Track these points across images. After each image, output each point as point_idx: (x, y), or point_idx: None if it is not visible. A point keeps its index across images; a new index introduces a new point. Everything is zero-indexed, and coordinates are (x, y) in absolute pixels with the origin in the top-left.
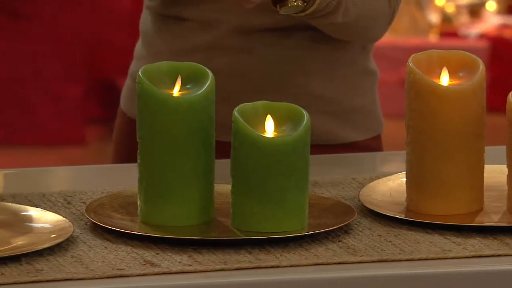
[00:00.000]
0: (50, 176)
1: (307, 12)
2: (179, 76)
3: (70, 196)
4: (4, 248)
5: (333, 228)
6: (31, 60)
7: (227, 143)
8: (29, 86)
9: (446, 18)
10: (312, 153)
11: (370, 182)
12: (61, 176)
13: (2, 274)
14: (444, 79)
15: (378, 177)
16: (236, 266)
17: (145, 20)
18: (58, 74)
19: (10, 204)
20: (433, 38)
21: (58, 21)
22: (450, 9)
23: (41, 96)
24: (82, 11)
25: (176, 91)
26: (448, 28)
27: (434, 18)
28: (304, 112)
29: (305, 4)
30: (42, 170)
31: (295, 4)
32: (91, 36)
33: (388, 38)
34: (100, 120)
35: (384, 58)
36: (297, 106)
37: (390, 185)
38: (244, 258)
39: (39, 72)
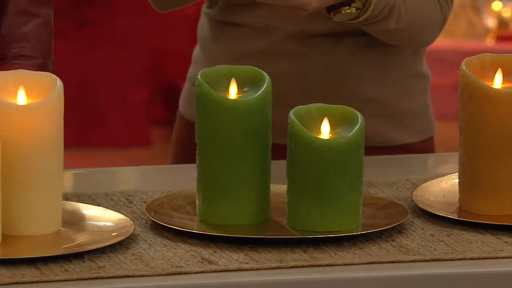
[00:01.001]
0: (113, 176)
1: (360, 19)
2: (233, 78)
3: (131, 196)
4: (68, 245)
5: (387, 227)
6: (100, 65)
7: (283, 146)
8: (98, 90)
9: (503, 23)
10: (366, 155)
11: (423, 183)
12: (123, 176)
13: (66, 270)
14: (497, 82)
15: (431, 178)
16: (291, 264)
17: (203, 26)
18: (125, 79)
19: (74, 203)
20: (489, 42)
21: (125, 27)
22: (507, 13)
23: (108, 99)
24: (147, 18)
25: (233, 94)
26: (504, 33)
27: (490, 22)
28: (359, 114)
29: (358, 11)
30: (106, 170)
31: (349, 11)
32: (156, 41)
33: (444, 42)
34: (164, 122)
35: (440, 62)
36: (351, 108)
37: (443, 186)
38: (299, 256)
39: (107, 76)
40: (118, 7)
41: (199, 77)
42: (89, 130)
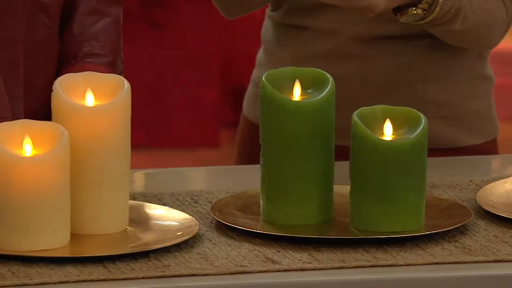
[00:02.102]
0: (180, 176)
1: (427, 20)
2: (297, 80)
3: (197, 196)
4: (134, 244)
5: (450, 228)
6: (170, 67)
7: (346, 147)
8: (168, 91)
9: None
10: (429, 156)
11: (486, 184)
12: (189, 177)
13: (132, 269)
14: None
15: (494, 180)
16: (354, 264)
17: (267, 29)
18: (194, 80)
19: (141, 202)
20: None
21: (195, 30)
22: None
23: (178, 100)
24: (216, 20)
25: (297, 96)
26: None
27: None
28: (422, 115)
29: (424, 12)
30: (172, 170)
31: (415, 12)
32: (226, 44)
33: (510, 44)
34: (233, 124)
35: (506, 63)
36: (415, 110)
37: (507, 187)
38: (361, 256)
39: (177, 78)
40: (188, 10)
41: (263, 79)
42: (159, 131)
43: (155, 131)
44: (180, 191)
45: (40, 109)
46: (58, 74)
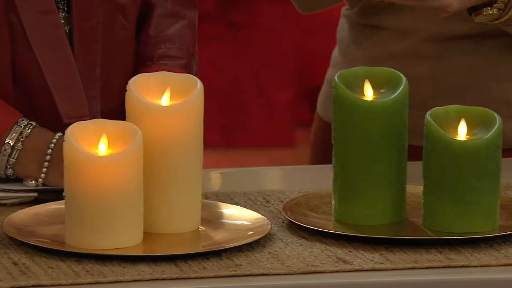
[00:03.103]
0: (252, 176)
1: (502, 19)
2: (370, 80)
3: (268, 195)
4: (206, 243)
5: None
6: (248, 67)
7: (419, 148)
8: (245, 91)
9: None
10: (504, 157)
11: None
12: (261, 176)
13: (204, 268)
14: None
15: None
16: (426, 265)
17: (342, 28)
18: (272, 80)
19: (213, 202)
20: None
21: (272, 30)
22: None
23: (255, 100)
24: (293, 21)
25: (370, 95)
26: None
27: None
28: (496, 115)
29: (500, 11)
30: (245, 170)
31: (490, 12)
32: (302, 44)
33: None
34: (309, 124)
35: None
36: (489, 110)
37: None
38: (434, 257)
39: (255, 78)
40: (265, 11)
41: (336, 78)
42: (235, 131)
43: (231, 131)
44: (252, 190)
45: (116, 109)
46: (134, 75)
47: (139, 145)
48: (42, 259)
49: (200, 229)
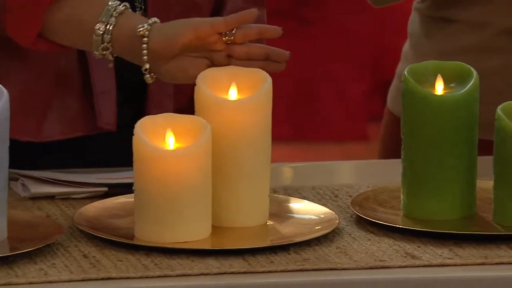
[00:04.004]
0: (321, 170)
1: None
2: (440, 74)
3: (337, 190)
4: (274, 237)
5: None
6: (321, 62)
7: (490, 142)
8: (319, 85)
9: None
10: None
11: None
12: (330, 170)
13: (271, 262)
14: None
15: None
16: (496, 260)
17: (413, 21)
18: (345, 75)
19: (281, 196)
20: None
21: (346, 25)
22: None
23: (329, 95)
24: (367, 16)
25: (440, 90)
26: None
27: None
28: None
29: None
30: (314, 164)
31: None
32: (376, 39)
33: None
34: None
35: None
36: None
37: None
38: (504, 253)
39: (328, 72)
40: (338, 6)
41: (405, 72)
42: (308, 125)
43: (304, 125)
44: (321, 185)
45: (186, 107)
46: None
47: (207, 139)
48: (112, 252)
49: (268, 223)
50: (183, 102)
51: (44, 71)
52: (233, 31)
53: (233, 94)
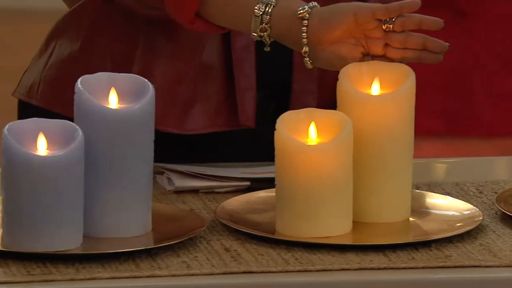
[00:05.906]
0: (465, 166)
1: None
2: None
3: (482, 186)
4: (416, 233)
5: None
6: (474, 55)
7: None
8: (471, 79)
9: None
10: None
11: None
12: (475, 166)
13: (412, 258)
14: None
15: None
16: None
17: None
18: (498, 68)
19: (424, 192)
20: None
21: (502, 19)
22: None
23: (481, 89)
24: None
25: None
26: None
27: None
28: None
29: None
30: (458, 160)
31: None
32: None
33: None
34: None
35: None
36: None
37: None
38: None
39: (481, 66)
40: None
41: None
42: (461, 119)
43: (457, 119)
44: (465, 180)
45: (330, 103)
46: None
47: (349, 134)
48: (253, 246)
49: (409, 219)
50: (325, 98)
51: (189, 66)
52: (393, 19)
53: (376, 89)
